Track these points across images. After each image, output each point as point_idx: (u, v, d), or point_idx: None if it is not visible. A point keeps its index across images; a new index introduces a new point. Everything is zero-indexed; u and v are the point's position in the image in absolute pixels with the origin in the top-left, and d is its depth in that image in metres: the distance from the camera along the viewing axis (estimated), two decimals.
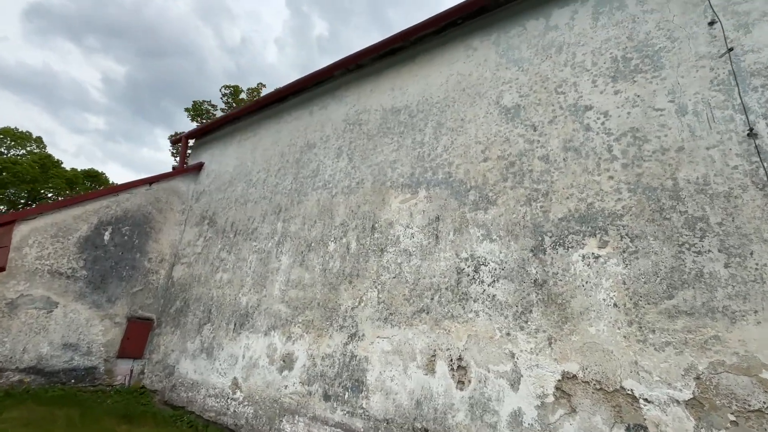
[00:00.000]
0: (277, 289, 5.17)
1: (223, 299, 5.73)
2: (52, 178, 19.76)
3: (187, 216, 7.33)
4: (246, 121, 7.35)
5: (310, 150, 5.91)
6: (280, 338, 4.78)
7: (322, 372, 4.24)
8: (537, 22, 4.40)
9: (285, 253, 5.34)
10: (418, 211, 4.32)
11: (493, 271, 3.58)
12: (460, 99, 4.60)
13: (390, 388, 3.73)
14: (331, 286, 4.64)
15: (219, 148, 7.68)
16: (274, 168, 6.30)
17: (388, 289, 4.17)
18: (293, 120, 6.53)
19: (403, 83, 5.28)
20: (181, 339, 5.97)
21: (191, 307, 6.15)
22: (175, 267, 6.93)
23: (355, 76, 5.94)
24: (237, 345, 5.18)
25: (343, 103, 5.90)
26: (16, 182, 18.71)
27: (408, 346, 3.79)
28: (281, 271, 5.25)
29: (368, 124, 5.36)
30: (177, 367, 5.77)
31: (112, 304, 5.97)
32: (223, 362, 5.21)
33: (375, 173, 4.91)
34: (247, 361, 4.97)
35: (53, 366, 5.29)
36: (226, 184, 7.00)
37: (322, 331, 4.46)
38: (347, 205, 4.99)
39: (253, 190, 6.40)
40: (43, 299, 5.26)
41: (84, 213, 5.80)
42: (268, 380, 4.64)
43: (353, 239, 4.71)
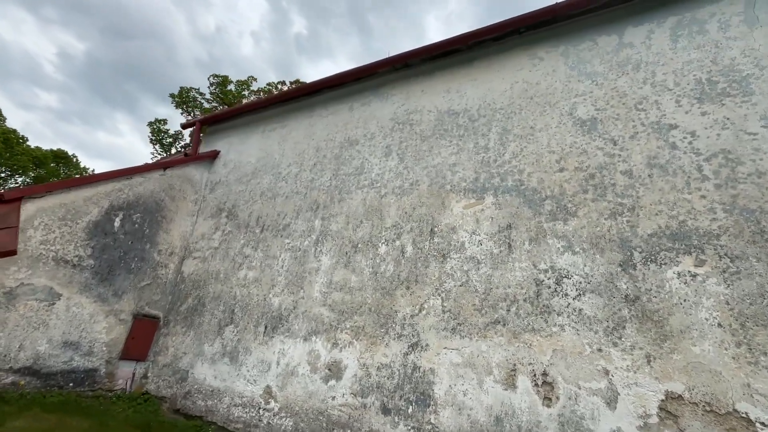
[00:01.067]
0: (316, 291, 4.82)
1: (249, 299, 5.28)
2: (18, 156, 17.73)
3: (199, 206, 6.78)
4: (272, 111, 6.95)
5: (352, 146, 5.63)
6: (324, 345, 4.44)
7: (379, 383, 3.95)
8: (609, 38, 4.43)
9: (325, 252, 5.01)
10: (486, 217, 4.17)
11: (578, 284, 3.49)
12: (528, 107, 4.53)
13: (463, 402, 3.52)
14: (384, 291, 4.38)
15: (238, 137, 7.20)
16: (308, 162, 5.95)
17: (453, 298, 3.97)
18: (329, 114, 6.23)
19: (459, 86, 5.15)
20: (196, 341, 5.43)
21: (208, 305, 5.63)
22: (185, 261, 6.36)
23: (401, 74, 5.76)
24: (269, 350, 4.76)
25: (389, 101, 5.69)
26: None
27: (482, 358, 3.60)
28: (321, 271, 4.92)
29: (421, 124, 5.18)
30: (191, 371, 5.23)
31: (118, 299, 5.34)
32: (252, 368, 4.77)
33: (432, 175, 4.72)
34: (282, 368, 4.57)
35: (51, 367, 4.61)
36: (249, 175, 6.54)
37: (376, 339, 4.18)
38: (400, 207, 4.76)
39: (283, 184, 6.01)
40: (46, 290, 4.60)
41: (95, 195, 5.17)
42: (311, 390, 4.28)
43: (408, 243, 4.49)
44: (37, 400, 4.11)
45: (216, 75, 22.61)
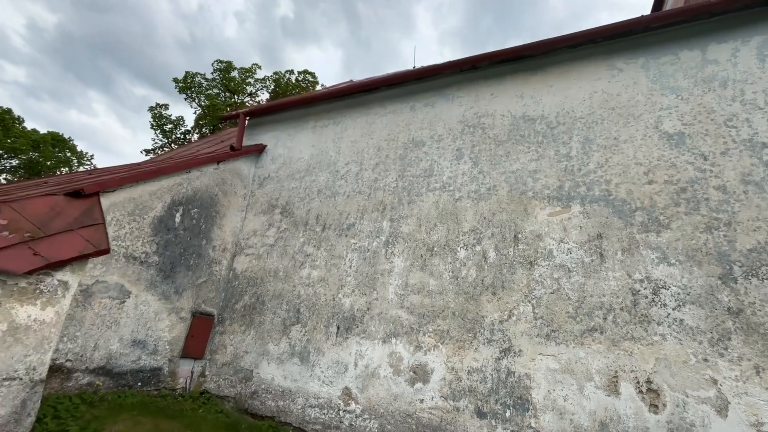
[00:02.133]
0: (391, 293, 4.83)
1: (316, 299, 5.24)
2: (16, 138, 16.71)
3: (248, 202, 6.64)
4: (323, 106, 6.82)
5: (417, 148, 5.61)
6: (406, 347, 4.46)
7: (471, 387, 4.01)
8: (692, 53, 4.53)
9: (397, 254, 5.01)
10: (573, 226, 4.25)
11: (677, 295, 3.61)
12: (610, 118, 4.60)
13: (564, 407, 3.61)
14: (467, 296, 4.42)
15: (285, 132, 7.05)
16: (369, 162, 5.89)
17: (545, 305, 4.05)
18: (388, 113, 6.16)
19: (534, 92, 5.18)
20: (258, 340, 5.37)
21: (268, 304, 5.56)
22: (237, 258, 6.23)
23: (467, 77, 5.74)
24: (344, 351, 4.75)
25: (455, 103, 5.67)
26: None
27: (581, 365, 3.70)
28: (395, 273, 4.92)
29: (494, 128, 5.20)
30: (256, 371, 5.18)
31: (179, 297, 5.21)
32: (326, 369, 4.76)
33: (511, 181, 4.76)
34: (361, 369, 4.57)
35: (121, 366, 4.48)
36: (302, 172, 6.43)
37: (464, 343, 4.23)
38: (477, 211, 4.79)
39: (342, 182, 5.94)
40: (117, 287, 4.44)
41: (159, 189, 4.99)
42: (395, 392, 4.30)
43: (490, 248, 4.53)
44: (117, 401, 3.98)
45: (220, 60, 21.92)
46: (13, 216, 3.42)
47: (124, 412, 3.70)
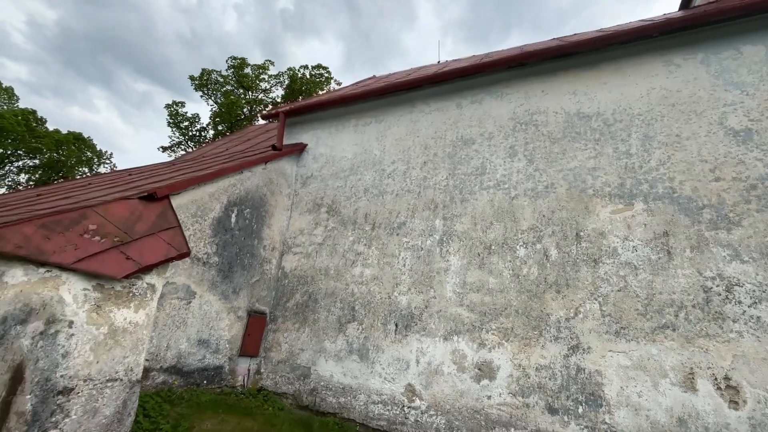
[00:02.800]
0: (449, 291, 4.88)
1: (371, 297, 5.31)
2: (40, 138, 16.83)
3: (292, 201, 6.70)
4: (364, 104, 6.83)
5: (467, 146, 5.62)
6: (469, 345, 4.52)
7: (540, 384, 4.07)
8: (755, 48, 4.49)
9: (453, 253, 5.05)
10: (638, 223, 4.26)
11: (752, 292, 3.62)
12: (670, 114, 4.58)
13: (639, 404, 3.66)
14: (530, 294, 4.46)
15: (326, 130, 7.08)
16: (416, 160, 5.91)
17: (613, 302, 4.08)
18: (433, 111, 6.17)
19: (587, 89, 5.16)
20: (314, 337, 5.45)
21: (321, 302, 5.63)
22: (285, 256, 6.30)
23: (516, 73, 5.72)
24: (405, 348, 4.83)
25: (504, 100, 5.66)
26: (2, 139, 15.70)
27: (653, 362, 3.74)
28: (451, 272, 4.96)
29: (547, 126, 5.19)
30: (314, 368, 5.27)
31: (236, 296, 5.30)
32: (387, 366, 4.83)
33: (569, 179, 4.77)
34: (424, 366, 4.65)
35: (189, 365, 4.57)
36: (346, 171, 6.47)
37: (529, 340, 4.28)
38: (535, 209, 4.81)
39: (389, 181, 5.98)
40: (185, 288, 4.52)
41: (217, 191, 5.05)
42: (461, 389, 4.37)
43: (552, 246, 4.56)
44: (193, 399, 4.09)
45: (234, 57, 21.87)
46: (99, 221, 3.49)
47: (206, 410, 3.80)
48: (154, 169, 8.26)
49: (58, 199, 5.09)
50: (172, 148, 22.44)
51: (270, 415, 4.25)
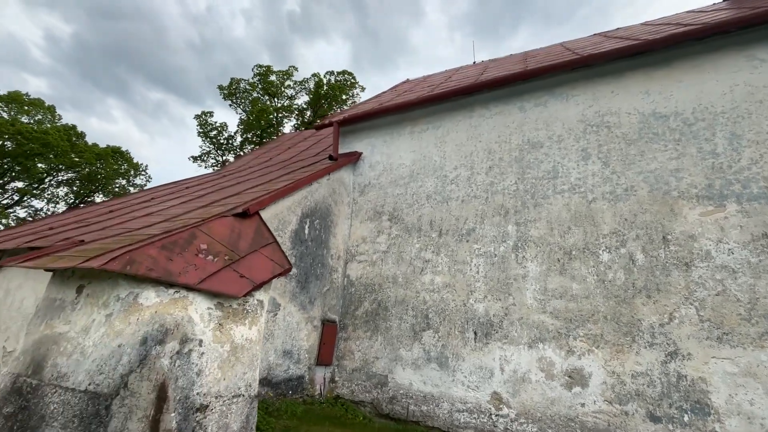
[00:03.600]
0: (529, 297, 4.85)
1: (444, 304, 5.32)
2: (81, 153, 17.49)
3: (352, 209, 6.76)
4: (419, 111, 6.84)
5: (535, 149, 5.57)
6: (556, 352, 4.49)
7: (638, 391, 4.01)
8: None
9: (530, 259, 5.01)
10: (732, 225, 4.15)
11: None
12: (759, 111, 4.45)
13: (751, 412, 3.57)
14: (618, 300, 4.39)
15: (380, 138, 7.12)
16: (480, 166, 5.90)
17: (711, 307, 3.98)
18: (494, 115, 6.14)
19: (661, 88, 5.06)
20: (388, 345, 5.49)
21: (392, 310, 5.68)
22: (349, 264, 6.37)
23: (580, 74, 5.64)
24: (487, 356, 4.82)
25: (571, 102, 5.59)
26: (47, 154, 16.39)
27: (764, 368, 3.64)
28: (530, 278, 4.93)
29: (621, 127, 5.10)
30: (391, 376, 5.31)
31: (312, 306, 5.39)
32: (469, 375, 4.84)
33: (651, 181, 4.68)
34: (509, 374, 4.63)
35: (277, 376, 4.68)
36: (405, 178, 6.50)
37: (621, 347, 4.22)
38: (616, 213, 4.74)
39: (453, 187, 5.97)
40: (271, 300, 4.63)
41: (293, 204, 5.15)
42: (551, 397, 4.34)
43: (637, 250, 4.48)
44: (289, 410, 4.18)
45: (260, 65, 22.18)
46: (207, 240, 3.60)
47: (308, 421, 3.88)
48: (210, 181, 8.46)
49: (142, 216, 5.26)
50: (201, 158, 22.94)
51: (363, 425, 4.31)
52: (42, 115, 18.99)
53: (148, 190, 8.86)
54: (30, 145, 15.55)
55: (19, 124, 15.83)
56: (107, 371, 2.78)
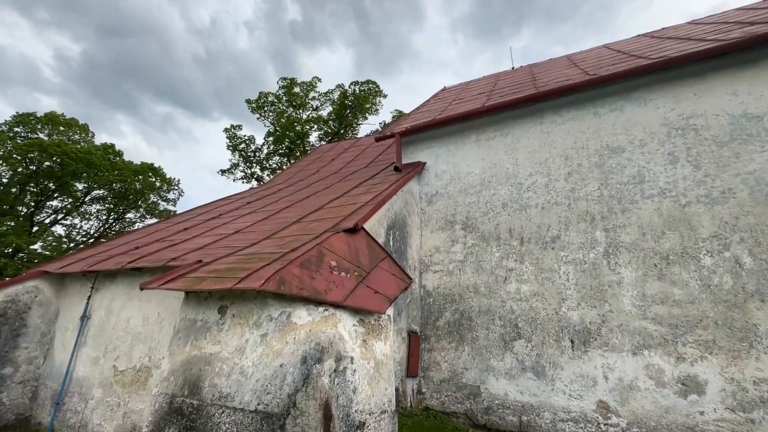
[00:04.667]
0: (627, 304, 4.80)
1: (535, 313, 5.29)
2: (120, 170, 17.98)
3: (421, 219, 6.80)
4: (483, 119, 6.88)
5: (616, 154, 5.55)
6: (664, 359, 4.43)
7: (762, 398, 3.93)
8: None
9: (623, 265, 4.97)
10: None
11: None
12: None
13: None
14: (728, 305, 4.33)
15: (444, 147, 7.17)
16: (558, 172, 5.89)
17: None
18: (567, 121, 6.14)
19: (750, 88, 5.01)
20: (476, 356, 5.48)
21: (476, 320, 5.67)
22: (423, 275, 6.39)
23: (656, 78, 5.62)
24: (587, 365, 4.78)
25: (650, 106, 5.57)
26: (91, 173, 16.84)
27: None
28: (625, 284, 4.89)
29: (709, 129, 5.07)
30: (483, 387, 5.29)
31: (399, 317, 5.41)
32: (570, 383, 4.80)
33: (750, 183, 4.62)
34: (614, 383, 4.58)
35: None
36: (476, 186, 6.52)
37: (738, 352, 4.15)
38: (714, 216, 4.69)
39: (530, 194, 5.97)
40: None
41: (381, 216, 5.21)
42: (664, 405, 4.28)
43: (743, 254, 4.42)
44: (400, 422, 4.19)
45: (284, 78, 22.56)
46: (333, 257, 3.65)
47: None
48: (268, 195, 8.57)
49: (232, 234, 5.35)
50: (230, 170, 23.31)
51: None
52: (78, 135, 19.59)
53: (207, 206, 9.02)
54: (76, 165, 16.01)
55: (64, 145, 16.34)
56: (273, 391, 2.82)
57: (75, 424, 4.71)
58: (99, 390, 4.70)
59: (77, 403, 4.82)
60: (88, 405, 4.70)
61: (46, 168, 16.20)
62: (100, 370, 4.83)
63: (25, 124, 17.67)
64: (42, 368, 5.58)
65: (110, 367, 4.73)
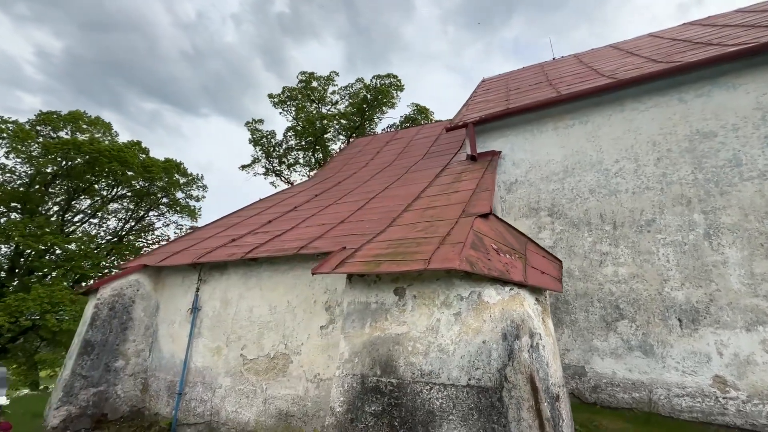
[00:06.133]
0: (735, 282, 4.97)
1: (636, 295, 5.45)
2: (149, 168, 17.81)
3: (502, 207, 6.90)
4: (558, 108, 6.98)
5: (708, 139, 5.69)
6: None
7: None
8: None
9: (727, 245, 5.13)
10: None
11: None
12: None
13: None
14: None
15: (520, 136, 7.27)
16: (646, 158, 6.02)
17: None
18: (650, 108, 6.26)
19: None
20: (578, 337, 5.63)
21: (574, 303, 5.81)
22: None
23: (746, 63, 5.75)
24: (699, 342, 4.95)
25: (739, 90, 5.71)
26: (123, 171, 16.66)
27: None
28: (731, 264, 5.05)
29: None
30: (589, 366, 5.45)
31: None
32: (682, 360, 4.96)
33: None
34: (729, 358, 4.75)
35: None
36: (559, 174, 6.64)
37: None
38: None
39: (619, 180, 6.11)
40: None
41: None
42: None
43: None
44: None
45: (303, 72, 22.47)
46: (489, 241, 3.74)
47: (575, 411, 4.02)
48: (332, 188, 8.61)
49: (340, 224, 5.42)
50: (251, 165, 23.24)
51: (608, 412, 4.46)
52: (101, 134, 19.35)
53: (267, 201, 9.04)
54: (109, 163, 15.85)
55: (97, 143, 16.16)
56: (482, 366, 2.93)
57: (203, 413, 4.78)
58: (227, 379, 4.77)
59: (202, 393, 4.89)
60: (216, 393, 4.77)
61: (76, 166, 16.04)
62: (224, 359, 4.90)
63: (48, 123, 17.41)
64: (149, 360, 5.63)
65: (237, 356, 4.80)
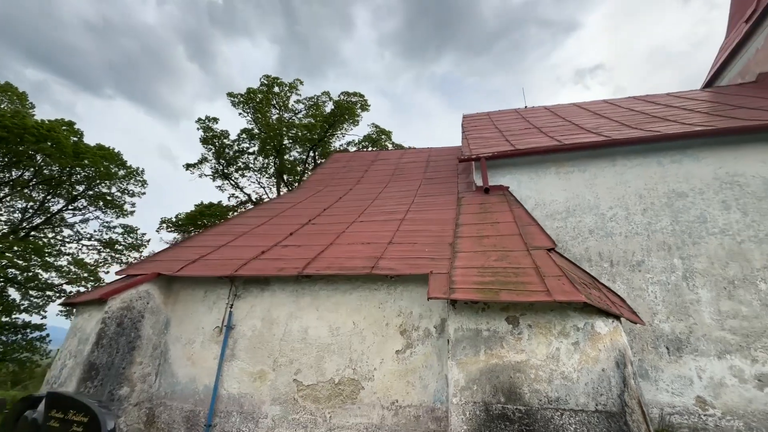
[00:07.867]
0: (707, 318, 6.09)
1: (631, 325, 6.30)
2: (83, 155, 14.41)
3: None
4: (560, 155, 7.90)
5: (681, 198, 6.97)
6: (742, 361, 5.74)
7: None
8: None
9: (699, 287, 6.29)
10: None
11: None
12: None
13: None
14: None
15: (525, 175, 8.00)
16: (635, 207, 7.12)
17: None
18: (636, 166, 7.46)
19: None
20: None
21: None
22: None
23: (703, 141, 7.25)
24: (683, 367, 5.90)
25: (702, 162, 7.14)
26: (57, 157, 13.13)
27: None
28: (703, 302, 6.19)
29: (750, 186, 6.74)
30: None
31: None
32: (671, 383, 5.85)
33: None
34: (707, 381, 5.75)
35: None
36: (562, 213, 7.45)
37: None
38: (762, 252, 6.26)
39: (613, 224, 7.09)
40: None
41: None
42: (747, 397, 5.55)
43: None
44: None
45: (267, 76, 21.40)
46: (570, 275, 4.10)
47: None
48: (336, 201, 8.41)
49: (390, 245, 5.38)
50: (198, 165, 21.02)
51: None
52: (11, 105, 15.68)
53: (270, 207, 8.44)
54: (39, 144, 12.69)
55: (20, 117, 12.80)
56: (605, 392, 3.21)
57: None
58: (275, 407, 4.30)
59: (239, 424, 4.31)
60: (261, 424, 4.26)
61: None
62: (269, 385, 4.41)
63: None
64: (155, 386, 4.77)
65: (288, 381, 4.35)
